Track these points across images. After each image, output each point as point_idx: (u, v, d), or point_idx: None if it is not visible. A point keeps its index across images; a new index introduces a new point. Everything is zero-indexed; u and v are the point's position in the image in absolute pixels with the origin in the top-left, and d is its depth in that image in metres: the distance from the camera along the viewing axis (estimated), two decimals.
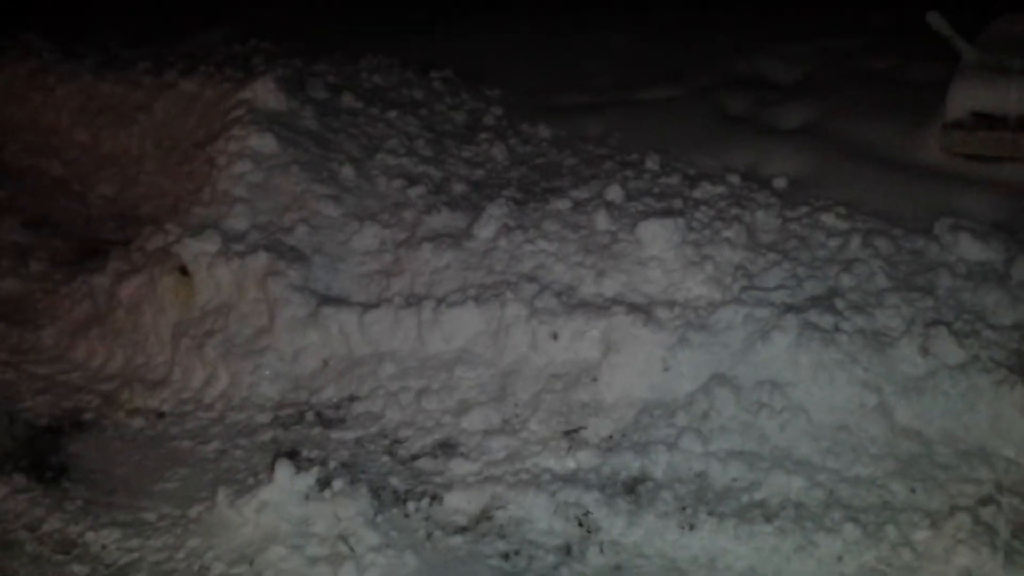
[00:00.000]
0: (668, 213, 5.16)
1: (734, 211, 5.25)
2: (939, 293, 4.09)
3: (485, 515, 3.64)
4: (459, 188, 5.85)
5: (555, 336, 4.45)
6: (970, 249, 4.28)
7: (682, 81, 7.89)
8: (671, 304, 4.56)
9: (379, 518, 3.55)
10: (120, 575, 3.40)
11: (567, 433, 4.08)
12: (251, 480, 3.83)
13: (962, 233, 4.34)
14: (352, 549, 3.35)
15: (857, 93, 7.07)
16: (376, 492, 3.71)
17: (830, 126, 6.64)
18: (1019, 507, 3.38)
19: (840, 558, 3.30)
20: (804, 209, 5.23)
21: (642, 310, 4.48)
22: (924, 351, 3.83)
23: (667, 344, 4.29)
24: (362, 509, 3.53)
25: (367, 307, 4.76)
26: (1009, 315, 3.93)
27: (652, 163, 6.15)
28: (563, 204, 5.38)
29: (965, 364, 3.77)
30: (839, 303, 4.20)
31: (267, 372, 4.52)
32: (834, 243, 4.74)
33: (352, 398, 4.43)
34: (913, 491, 3.52)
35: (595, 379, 4.31)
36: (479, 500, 3.70)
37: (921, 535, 3.29)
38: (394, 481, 3.85)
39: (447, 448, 4.06)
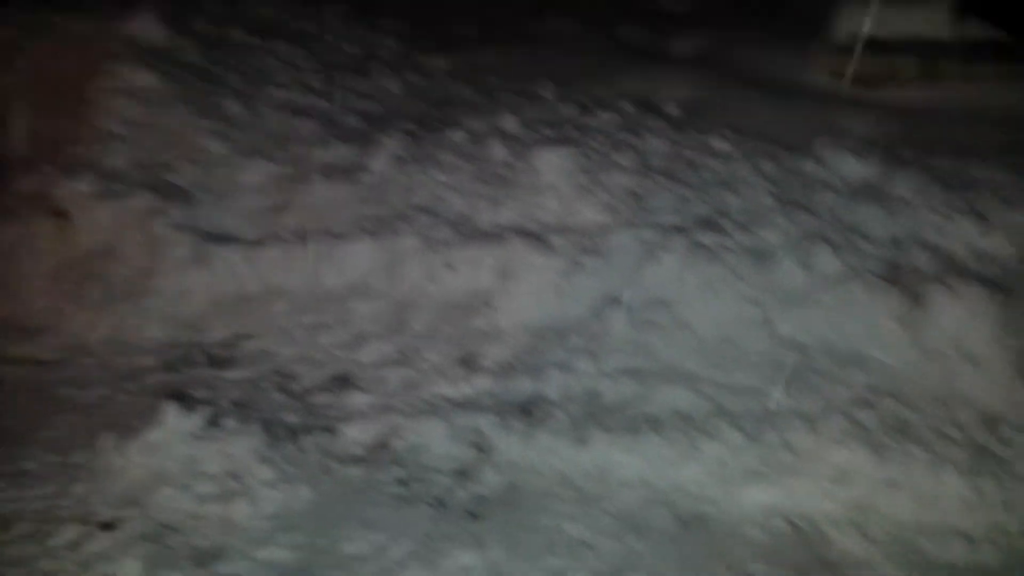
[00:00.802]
0: (562, 142, 5.18)
1: (627, 138, 5.30)
2: (819, 210, 4.22)
3: (382, 445, 3.64)
4: (352, 121, 5.74)
5: (450, 266, 4.45)
6: (849, 167, 4.42)
7: (578, 12, 7.86)
8: (565, 231, 4.60)
9: (272, 454, 3.49)
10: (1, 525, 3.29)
11: (463, 361, 4.09)
12: (137, 423, 3.72)
13: (841, 152, 4.48)
14: (244, 485, 3.31)
15: (748, 22, 7.18)
16: (269, 428, 3.65)
17: (721, 54, 6.75)
18: (891, 407, 3.55)
19: (724, 463, 3.41)
20: (694, 134, 5.31)
21: (537, 237, 4.51)
22: (804, 264, 3.95)
23: (561, 270, 4.33)
24: (254, 446, 3.48)
25: (257, 244, 4.65)
26: (884, 228, 4.08)
27: (547, 93, 6.13)
28: (458, 135, 5.34)
29: (842, 276, 3.91)
30: (725, 223, 4.30)
31: (152, 314, 4.38)
32: (721, 166, 4.83)
33: (243, 336, 4.34)
34: (792, 398, 3.65)
35: (491, 307, 4.33)
36: (375, 430, 3.69)
37: (799, 437, 3.43)
38: (288, 417, 3.80)
39: (343, 382, 4.03)
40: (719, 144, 5.12)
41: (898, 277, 3.86)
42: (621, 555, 3.08)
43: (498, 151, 5.08)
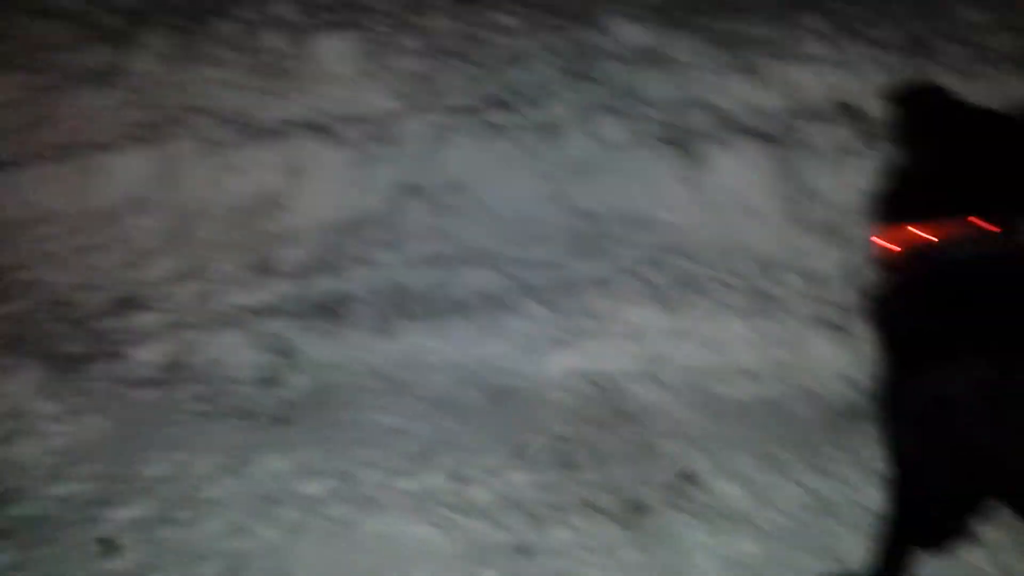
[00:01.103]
0: (344, 26, 4.92)
1: (411, 18, 5.10)
2: (601, 79, 4.25)
3: (176, 363, 3.44)
4: (110, 20, 5.20)
5: (234, 169, 4.20)
6: (629, 33, 4.45)
7: None
8: (353, 121, 4.42)
9: (56, 387, 3.25)
10: None
11: (258, 266, 3.92)
12: None
13: (620, 19, 4.49)
14: (27, 423, 3.07)
15: None
16: (49, 361, 3.38)
17: None
18: (678, 263, 3.72)
19: (528, 335, 3.49)
20: (480, 10, 5.17)
21: (324, 130, 4.32)
22: (590, 134, 4.01)
23: (352, 162, 4.19)
24: (34, 380, 3.22)
25: (13, 165, 4.21)
26: (665, 92, 4.17)
27: None
28: (229, 26, 4.96)
29: (628, 143, 3.99)
30: (514, 100, 4.27)
31: None
32: (508, 41, 4.75)
33: (9, 268, 3.96)
34: (589, 265, 3.76)
35: (282, 207, 4.15)
36: (167, 349, 3.48)
37: (596, 302, 3.55)
38: (70, 347, 3.52)
39: (127, 303, 3.75)
40: (505, 19, 5.02)
41: (679, 139, 3.98)
42: (433, 436, 3.11)
43: (275, 40, 4.78)
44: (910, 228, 2.07)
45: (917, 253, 2.05)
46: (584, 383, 3.36)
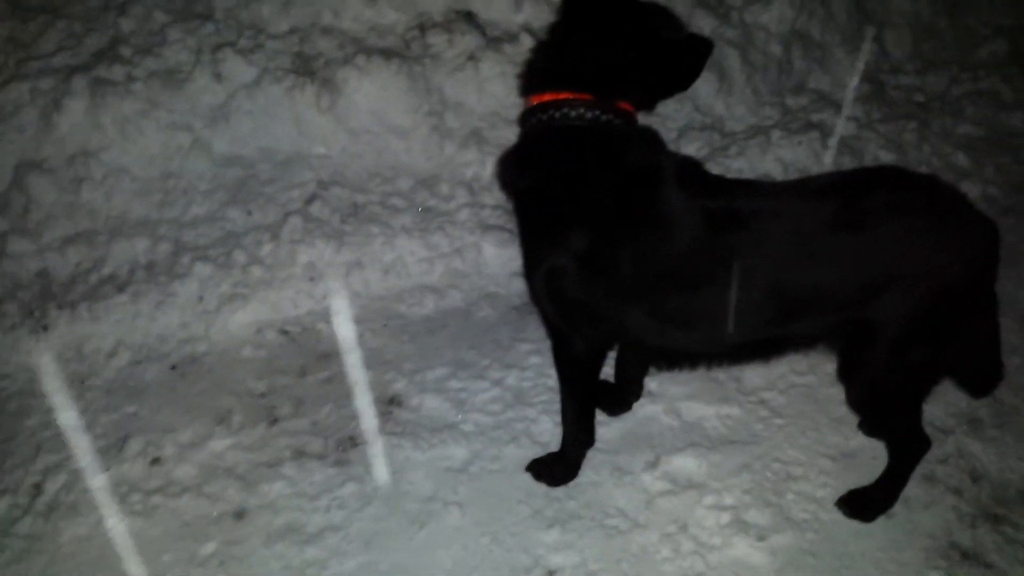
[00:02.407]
0: None
1: None
2: (218, 16, 4.01)
3: None
4: None
5: None
6: None
7: None
8: None
9: None
10: None
11: None
12: None
13: None
14: None
15: None
16: None
17: None
18: (340, 194, 3.71)
19: (200, 298, 3.34)
20: None
21: None
22: (217, 77, 3.81)
23: None
24: None
25: None
26: (283, 21, 4.02)
27: None
28: None
29: (258, 79, 3.84)
30: (125, 51, 3.91)
31: None
32: None
33: None
34: (250, 213, 3.63)
35: None
36: None
37: (265, 250, 3.46)
38: None
39: None
40: None
41: (308, 67, 3.90)
42: (120, 424, 2.94)
43: None
44: (533, 97, 2.27)
45: (530, 118, 2.25)
46: (273, 333, 3.31)
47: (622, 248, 2.15)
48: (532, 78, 2.30)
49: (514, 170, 2.31)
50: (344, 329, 3.32)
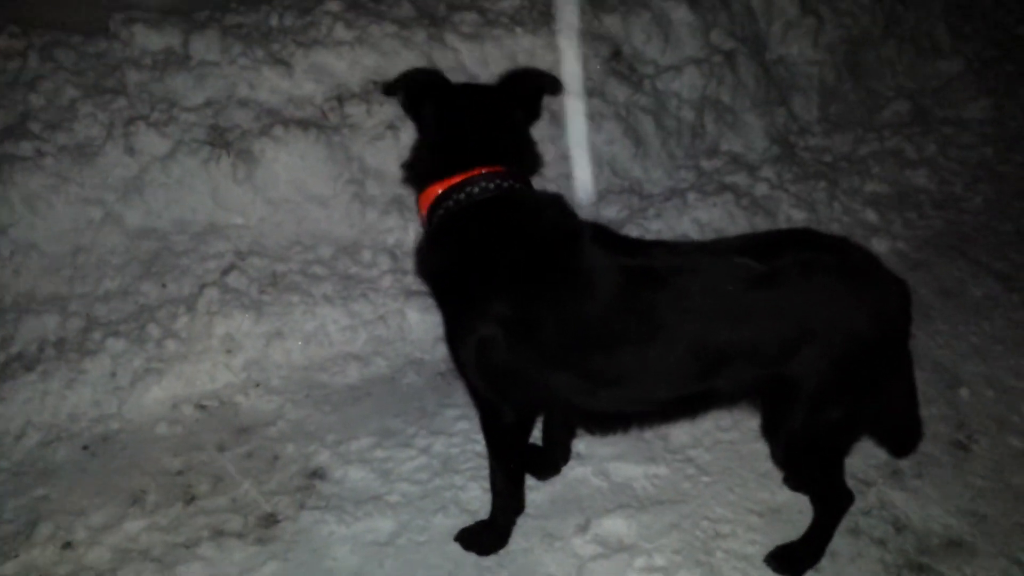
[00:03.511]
0: None
1: None
2: (130, 90, 3.95)
3: None
4: None
5: None
6: (148, 39, 4.17)
7: None
8: None
9: None
10: None
11: None
12: None
13: (137, 25, 4.18)
14: None
15: None
16: None
17: None
18: (259, 264, 3.65)
19: (113, 373, 3.23)
20: None
21: None
22: (130, 150, 3.75)
23: None
24: None
25: None
26: (198, 94, 3.99)
27: None
28: None
29: (172, 152, 3.79)
30: (34, 126, 3.83)
31: None
32: (13, 65, 4.20)
33: None
34: (164, 286, 3.55)
35: None
36: None
37: (180, 322, 3.37)
38: None
39: None
40: (5, 42, 4.43)
41: (224, 139, 3.86)
42: (30, 508, 2.80)
43: None
44: (433, 187, 2.30)
45: (437, 207, 2.29)
46: (189, 408, 3.21)
47: (547, 310, 2.17)
48: (431, 168, 2.34)
49: (432, 254, 2.33)
50: (264, 401, 3.24)
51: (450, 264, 2.27)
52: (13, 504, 2.82)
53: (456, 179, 2.26)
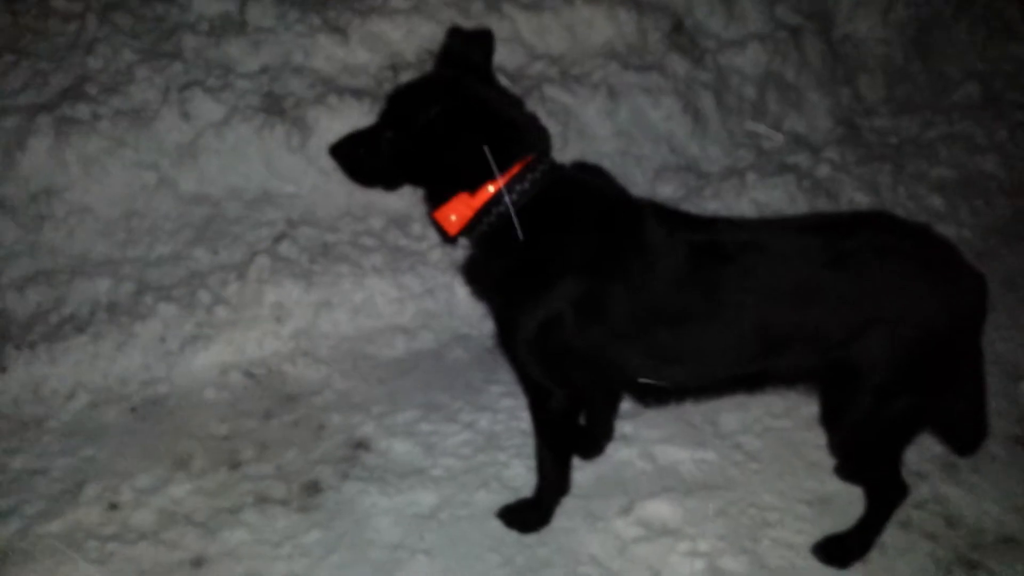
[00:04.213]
0: None
1: None
2: (186, 55, 3.97)
3: None
4: None
5: None
6: (205, 3, 4.17)
7: None
8: None
9: None
10: None
11: None
12: None
13: None
14: None
15: None
16: None
17: None
18: (309, 233, 3.65)
19: (163, 338, 3.25)
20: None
21: None
22: (185, 115, 3.76)
23: None
24: None
25: None
26: (253, 60, 3.99)
27: None
28: None
29: (226, 118, 3.79)
30: (91, 89, 3.86)
31: None
32: (72, 27, 4.24)
33: None
34: (216, 252, 3.56)
35: None
36: None
37: (230, 289, 3.38)
38: None
39: None
40: (65, 6, 4.47)
41: (279, 107, 3.86)
42: (77, 468, 2.84)
43: None
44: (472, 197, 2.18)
45: (489, 208, 2.18)
46: (237, 375, 3.22)
47: (617, 286, 2.13)
48: (471, 177, 2.17)
49: (499, 256, 2.22)
50: (311, 370, 3.24)
51: (511, 259, 2.20)
52: (61, 463, 2.86)
53: (499, 182, 2.15)
